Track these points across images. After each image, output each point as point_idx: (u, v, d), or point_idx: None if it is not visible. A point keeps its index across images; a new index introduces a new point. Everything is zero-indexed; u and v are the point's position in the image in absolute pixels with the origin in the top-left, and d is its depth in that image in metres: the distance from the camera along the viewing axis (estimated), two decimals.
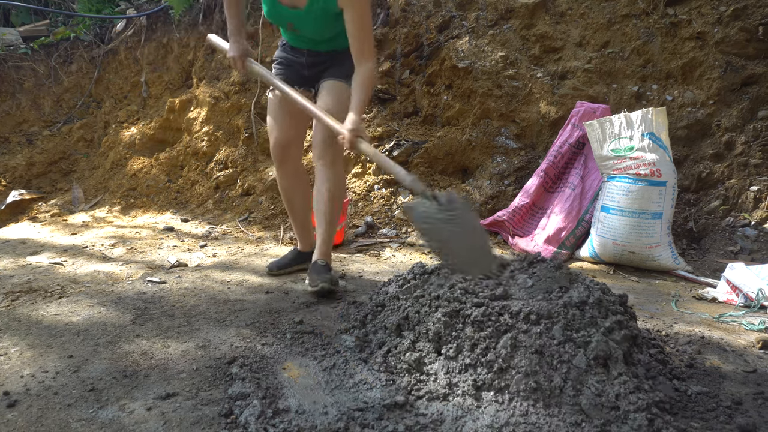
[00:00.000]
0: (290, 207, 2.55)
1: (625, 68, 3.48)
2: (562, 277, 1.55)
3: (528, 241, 3.07)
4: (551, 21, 3.71)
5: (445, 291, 1.50)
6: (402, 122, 3.86)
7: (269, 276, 2.55)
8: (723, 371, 1.59)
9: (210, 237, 3.45)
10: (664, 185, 2.70)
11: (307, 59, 2.34)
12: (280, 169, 2.45)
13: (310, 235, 2.58)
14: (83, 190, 4.55)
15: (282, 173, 2.46)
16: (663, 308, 2.22)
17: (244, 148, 4.16)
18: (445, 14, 3.95)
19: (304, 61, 2.35)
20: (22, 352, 1.68)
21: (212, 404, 1.39)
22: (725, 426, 1.28)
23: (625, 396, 1.22)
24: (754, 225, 2.96)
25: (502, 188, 3.46)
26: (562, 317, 1.36)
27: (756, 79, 3.20)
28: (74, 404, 1.39)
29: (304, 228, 2.58)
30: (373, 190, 3.65)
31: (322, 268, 2.26)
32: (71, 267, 2.76)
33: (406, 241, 3.18)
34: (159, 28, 4.92)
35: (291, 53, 2.38)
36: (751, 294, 2.22)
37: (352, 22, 2.05)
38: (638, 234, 2.70)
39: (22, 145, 4.87)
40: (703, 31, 3.31)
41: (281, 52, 2.43)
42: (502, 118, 3.63)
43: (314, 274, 2.23)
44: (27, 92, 5.10)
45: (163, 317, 1.99)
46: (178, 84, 4.83)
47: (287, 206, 2.56)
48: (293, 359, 1.64)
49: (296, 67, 2.38)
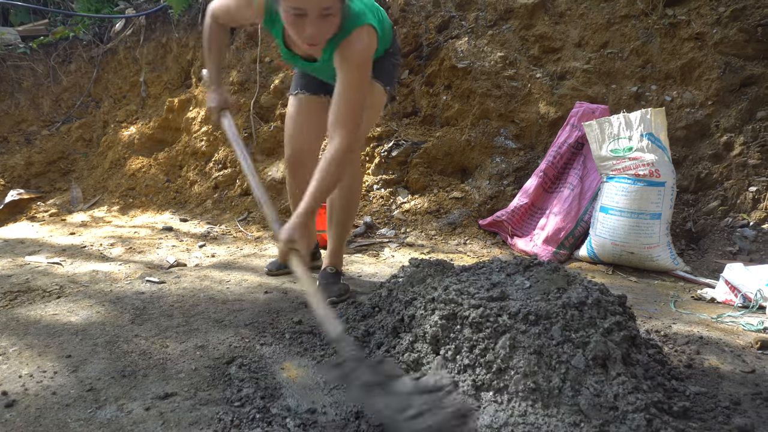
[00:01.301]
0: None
1: (624, 69, 3.48)
2: (559, 279, 1.55)
3: (527, 242, 3.07)
4: (550, 21, 3.72)
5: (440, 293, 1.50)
6: (401, 122, 3.86)
7: (268, 276, 2.55)
8: (721, 372, 1.59)
9: (209, 237, 3.45)
10: (662, 186, 2.70)
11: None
12: (292, 177, 2.40)
13: (311, 238, 2.57)
14: (82, 190, 4.54)
15: (295, 181, 2.40)
16: (662, 308, 2.22)
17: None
18: (444, 14, 3.95)
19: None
20: (20, 351, 1.68)
21: (211, 404, 1.39)
22: (723, 426, 1.28)
23: (623, 396, 1.22)
24: (752, 225, 2.97)
25: (501, 188, 3.46)
26: (560, 318, 1.36)
27: (755, 80, 3.21)
28: (72, 404, 1.39)
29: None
30: (372, 190, 3.65)
31: (332, 277, 2.26)
32: (70, 267, 2.76)
33: (405, 241, 3.18)
34: (158, 28, 4.92)
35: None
36: (749, 294, 2.22)
37: (338, 87, 1.79)
38: (637, 234, 2.70)
39: (21, 145, 4.86)
40: (702, 31, 3.32)
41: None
42: (501, 119, 3.63)
43: (323, 285, 2.21)
44: (26, 92, 5.09)
45: (161, 317, 1.99)
46: (177, 84, 4.83)
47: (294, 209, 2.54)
48: (292, 359, 1.64)
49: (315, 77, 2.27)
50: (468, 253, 3.01)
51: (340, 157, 1.75)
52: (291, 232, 1.70)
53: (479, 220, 3.36)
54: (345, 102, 1.77)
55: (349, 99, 1.77)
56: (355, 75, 1.78)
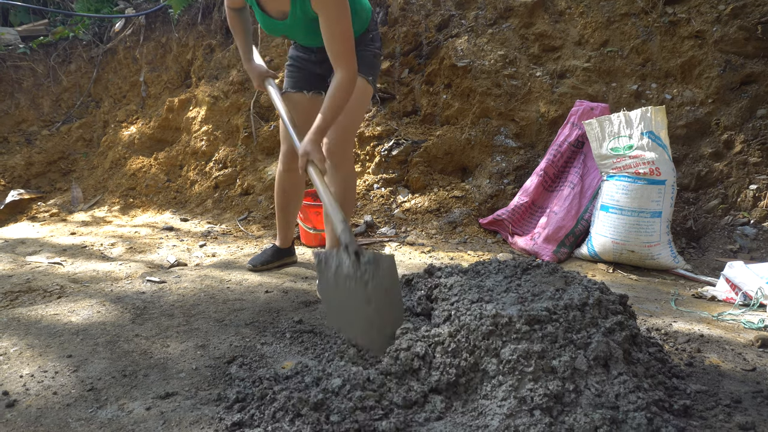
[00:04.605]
0: (284, 208, 2.61)
1: (624, 67, 3.48)
2: (558, 281, 1.56)
3: (527, 240, 3.07)
4: (550, 20, 3.71)
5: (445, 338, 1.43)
6: (401, 121, 3.86)
7: (267, 275, 2.56)
8: (722, 370, 1.59)
9: (209, 236, 3.45)
10: (663, 184, 2.70)
11: (318, 56, 2.33)
12: (285, 174, 2.50)
13: (291, 234, 2.71)
14: (82, 190, 4.55)
15: (287, 177, 2.51)
16: (662, 307, 2.22)
17: (243, 147, 4.16)
18: (444, 13, 3.94)
19: (314, 58, 2.34)
20: (21, 351, 1.68)
21: (211, 404, 1.39)
22: (724, 424, 1.28)
23: (624, 395, 1.22)
24: (753, 223, 2.96)
25: (501, 187, 3.46)
26: (563, 319, 1.36)
27: (755, 78, 3.20)
28: (73, 404, 1.39)
29: (289, 227, 2.67)
30: (373, 189, 3.65)
31: None
32: (70, 267, 2.76)
33: (405, 240, 3.18)
34: (158, 28, 4.92)
35: (302, 51, 2.38)
36: (750, 292, 2.22)
37: (323, 28, 1.99)
38: (637, 233, 2.70)
39: (21, 145, 4.86)
40: (702, 29, 3.31)
41: (293, 51, 2.43)
42: (502, 117, 3.63)
43: None
44: (26, 92, 5.09)
45: (162, 317, 1.99)
46: (177, 83, 4.83)
47: (280, 206, 2.61)
48: (292, 358, 1.64)
49: (308, 67, 2.37)
50: (468, 252, 3.01)
51: (346, 83, 1.98)
52: (307, 146, 1.96)
53: (480, 219, 3.36)
54: (335, 37, 1.96)
55: (336, 33, 1.95)
56: (334, 11, 1.94)
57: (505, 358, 1.29)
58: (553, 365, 1.26)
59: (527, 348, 1.29)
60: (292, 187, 2.55)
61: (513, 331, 1.34)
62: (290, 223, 2.67)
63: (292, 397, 1.28)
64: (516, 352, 1.29)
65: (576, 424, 1.15)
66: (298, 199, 2.64)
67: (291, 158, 2.43)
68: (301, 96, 2.37)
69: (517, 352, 1.29)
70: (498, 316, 1.36)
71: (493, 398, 1.28)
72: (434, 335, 1.43)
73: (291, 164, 2.44)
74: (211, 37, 4.66)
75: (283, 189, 2.55)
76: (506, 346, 1.32)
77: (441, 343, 1.40)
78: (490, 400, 1.28)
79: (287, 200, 2.58)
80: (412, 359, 1.39)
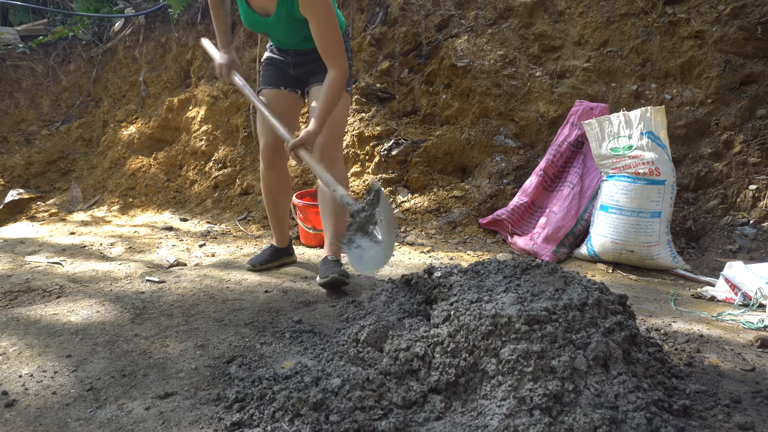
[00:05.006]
0: (273, 207, 2.62)
1: (623, 67, 3.48)
2: (557, 281, 1.56)
3: (527, 240, 3.07)
4: (550, 20, 3.71)
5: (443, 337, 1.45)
6: (401, 121, 3.86)
7: (266, 275, 2.55)
8: (722, 370, 1.59)
9: (209, 236, 3.45)
10: (662, 184, 2.70)
11: (293, 59, 2.40)
12: (268, 171, 2.51)
13: (287, 233, 2.71)
14: (82, 190, 4.54)
15: (270, 174, 2.52)
16: (662, 307, 2.22)
17: (242, 147, 4.16)
18: (443, 13, 3.94)
19: (290, 60, 2.41)
20: (20, 351, 1.68)
21: (211, 403, 1.39)
22: (724, 424, 1.28)
23: (624, 395, 1.22)
24: (752, 224, 2.97)
25: (501, 187, 3.46)
26: (562, 319, 1.36)
27: (755, 78, 3.20)
28: (73, 404, 1.39)
29: (282, 226, 2.67)
30: None
31: (333, 263, 2.34)
32: (70, 266, 2.76)
33: (404, 240, 3.18)
34: (157, 28, 4.92)
35: (278, 53, 2.44)
36: (749, 292, 2.22)
37: (314, 30, 2.10)
38: (637, 233, 2.70)
39: (21, 145, 4.86)
40: (701, 29, 3.31)
41: (269, 53, 2.49)
42: (501, 117, 3.63)
43: (325, 268, 2.30)
44: (25, 91, 5.09)
45: (161, 316, 1.99)
46: (176, 83, 4.83)
47: (270, 206, 2.62)
48: (292, 358, 1.64)
49: (282, 68, 2.44)
50: (468, 252, 3.01)
51: (340, 79, 2.12)
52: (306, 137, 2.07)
53: (479, 218, 3.36)
54: (325, 39, 2.09)
55: (326, 35, 2.08)
56: (323, 15, 2.06)
57: (505, 358, 1.30)
58: (552, 365, 1.26)
59: (527, 348, 1.29)
60: (278, 184, 2.55)
61: (512, 331, 1.34)
62: (282, 221, 2.66)
63: (292, 396, 1.28)
64: (515, 352, 1.29)
65: (575, 424, 1.15)
66: (286, 195, 2.63)
67: (271, 153, 2.43)
68: (278, 91, 2.42)
69: (516, 352, 1.29)
70: (497, 316, 1.36)
71: (492, 398, 1.28)
72: (433, 335, 1.43)
73: (272, 160, 2.45)
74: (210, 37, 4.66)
75: (268, 188, 2.56)
76: (506, 346, 1.32)
77: (440, 343, 1.41)
78: (490, 400, 1.28)
79: (274, 198, 2.58)
80: (411, 359, 1.39)
